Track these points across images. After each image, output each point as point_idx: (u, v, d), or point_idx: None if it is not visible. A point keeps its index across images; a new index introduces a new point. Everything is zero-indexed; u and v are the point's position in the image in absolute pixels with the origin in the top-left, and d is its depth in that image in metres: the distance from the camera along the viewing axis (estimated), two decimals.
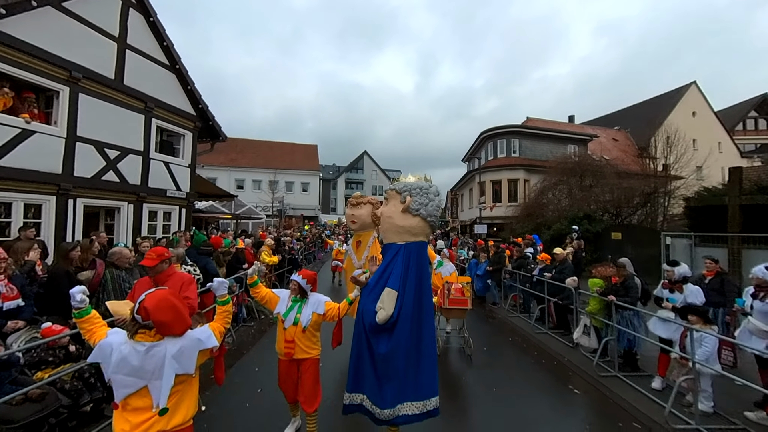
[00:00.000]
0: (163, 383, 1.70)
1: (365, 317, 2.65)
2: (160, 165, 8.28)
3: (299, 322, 2.85)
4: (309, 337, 2.90)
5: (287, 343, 2.86)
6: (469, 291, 5.26)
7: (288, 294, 3.02)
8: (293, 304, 2.94)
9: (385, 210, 2.93)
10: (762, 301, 3.79)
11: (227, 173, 32.29)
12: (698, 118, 26.96)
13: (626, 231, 12.55)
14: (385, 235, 2.95)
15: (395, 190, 2.93)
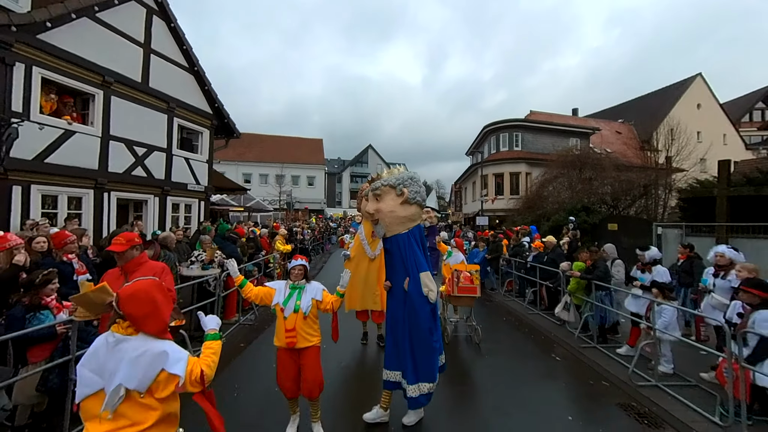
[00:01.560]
0: (111, 389, 1.38)
1: (414, 300, 3.01)
2: (182, 161, 8.94)
3: (300, 309, 2.81)
4: (310, 324, 2.88)
5: (288, 332, 2.79)
6: (478, 279, 5.23)
7: (285, 283, 2.97)
8: (292, 291, 2.89)
9: (384, 206, 3.11)
10: (723, 279, 4.34)
11: (235, 167, 33.01)
12: (703, 110, 26.96)
13: (622, 222, 12.99)
14: (389, 228, 3.14)
15: (389, 185, 3.13)
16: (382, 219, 3.14)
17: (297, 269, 2.97)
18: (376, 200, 3.18)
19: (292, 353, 2.84)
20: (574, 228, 10.71)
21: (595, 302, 5.08)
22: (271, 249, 8.66)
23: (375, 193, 3.20)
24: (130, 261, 2.69)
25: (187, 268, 4.91)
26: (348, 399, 3.67)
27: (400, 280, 3.12)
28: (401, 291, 3.10)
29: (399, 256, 3.12)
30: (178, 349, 1.54)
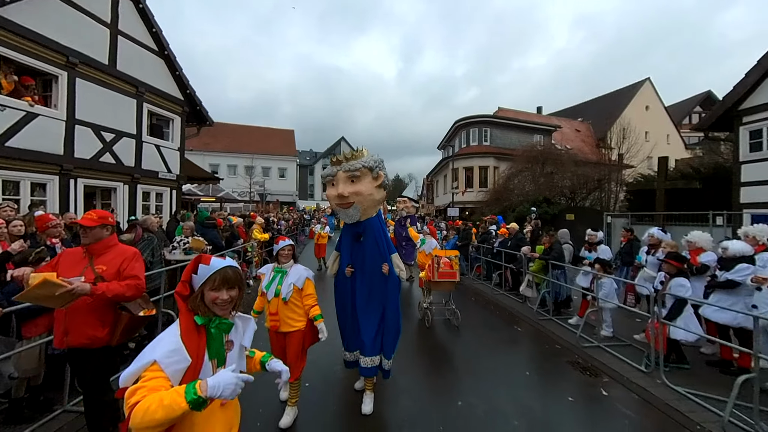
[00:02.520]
0: None
1: (391, 282, 3.14)
2: (152, 148, 8.68)
3: (280, 293, 2.80)
4: (292, 308, 2.82)
5: (272, 315, 2.82)
6: (458, 264, 5.35)
7: (270, 267, 2.99)
8: (275, 275, 2.89)
9: (363, 188, 3.00)
10: (653, 256, 5.11)
11: (201, 157, 31.64)
12: (651, 111, 29.47)
13: (578, 213, 14.19)
14: (365, 212, 3.08)
15: (367, 167, 3.03)
16: (361, 202, 3.02)
17: (286, 250, 2.95)
18: (351, 182, 3.01)
19: (278, 335, 2.87)
20: (536, 218, 11.64)
21: (552, 279, 5.75)
22: (249, 237, 8.70)
23: (352, 175, 3.00)
24: (98, 242, 2.36)
25: (169, 253, 4.96)
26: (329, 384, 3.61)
27: (373, 264, 3.12)
28: (378, 274, 3.11)
29: (373, 239, 3.13)
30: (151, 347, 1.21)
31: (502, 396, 3.42)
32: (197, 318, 1.29)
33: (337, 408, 3.18)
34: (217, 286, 1.30)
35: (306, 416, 2.98)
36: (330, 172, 3.14)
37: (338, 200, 3.02)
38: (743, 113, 8.80)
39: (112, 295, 2.23)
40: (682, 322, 3.76)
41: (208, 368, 1.27)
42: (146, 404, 1.00)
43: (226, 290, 1.31)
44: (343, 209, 3.05)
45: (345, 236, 3.30)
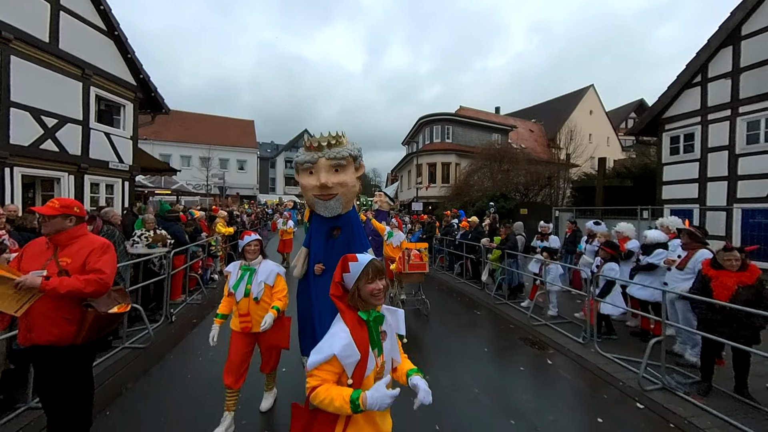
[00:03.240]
0: None
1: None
2: (101, 136, 8.05)
3: (250, 293, 2.65)
4: (264, 307, 2.68)
5: (242, 317, 2.66)
6: (427, 256, 5.47)
7: (237, 264, 2.79)
8: (243, 273, 2.71)
9: (348, 179, 2.78)
10: (590, 245, 5.84)
11: (149, 147, 29.35)
12: (594, 115, 32.31)
13: (531, 207, 15.37)
14: (347, 204, 2.86)
15: (352, 156, 2.80)
16: (345, 194, 2.77)
17: (252, 245, 2.76)
18: (335, 171, 2.74)
19: (247, 336, 2.71)
20: (494, 212, 12.49)
21: (507, 267, 6.33)
22: (212, 231, 8.43)
23: (337, 164, 2.72)
24: (62, 233, 2.18)
25: (131, 247, 4.75)
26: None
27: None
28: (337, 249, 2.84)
29: (350, 234, 2.93)
30: None
31: (465, 370, 3.82)
32: (361, 314, 1.40)
33: None
34: (372, 278, 1.40)
35: (285, 400, 3.14)
36: (309, 159, 2.75)
37: (319, 191, 2.71)
38: (665, 121, 10.12)
39: (65, 291, 2.01)
40: (610, 300, 4.43)
41: (372, 360, 1.37)
42: (321, 397, 1.25)
43: (379, 280, 1.41)
44: (323, 201, 2.75)
45: (317, 230, 2.93)
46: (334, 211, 2.82)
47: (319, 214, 2.86)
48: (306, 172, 2.82)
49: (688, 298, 3.49)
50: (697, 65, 9.19)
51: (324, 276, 2.84)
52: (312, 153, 2.78)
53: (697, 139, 9.32)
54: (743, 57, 8.34)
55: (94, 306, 2.23)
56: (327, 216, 2.84)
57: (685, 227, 4.13)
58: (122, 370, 3.61)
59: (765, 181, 7.96)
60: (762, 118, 8.02)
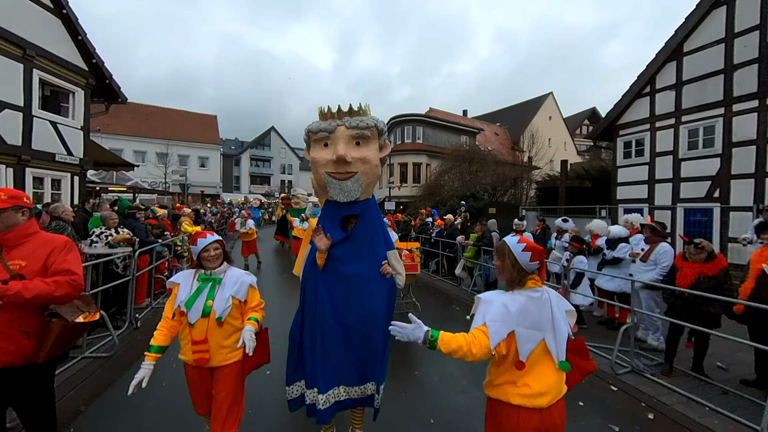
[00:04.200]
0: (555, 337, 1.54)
1: (361, 282, 2.21)
2: (46, 125, 7.24)
3: (212, 310, 1.95)
4: (229, 331, 2.00)
5: (197, 344, 1.94)
6: (419, 256, 5.14)
7: (190, 274, 2.08)
8: (202, 285, 2.01)
9: (372, 155, 2.26)
10: (559, 241, 6.19)
11: (98, 140, 26.89)
12: (553, 121, 34.39)
13: (499, 206, 16.01)
14: (367, 189, 2.31)
15: (378, 128, 2.30)
16: (366, 173, 2.25)
17: (212, 248, 2.05)
18: (356, 145, 2.26)
19: (203, 371, 2.02)
20: (465, 211, 12.89)
21: (483, 263, 6.54)
22: (176, 231, 7.89)
23: (360, 135, 2.24)
24: (11, 230, 1.85)
25: (88, 247, 4.30)
26: None
27: (366, 260, 2.27)
28: (371, 275, 2.25)
29: (370, 227, 2.33)
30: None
31: (451, 363, 3.87)
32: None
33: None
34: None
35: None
36: (325, 127, 2.26)
37: (335, 167, 2.21)
38: (620, 127, 11.00)
39: (32, 295, 1.70)
40: (580, 290, 4.73)
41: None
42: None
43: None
44: (338, 180, 2.22)
45: (327, 221, 2.36)
46: (352, 195, 2.26)
47: (332, 198, 2.32)
48: (319, 143, 2.31)
49: (653, 287, 3.81)
50: (646, 77, 10.08)
51: (334, 278, 2.22)
52: (329, 121, 2.29)
53: (646, 144, 10.23)
54: (685, 71, 9.28)
55: (61, 315, 1.91)
56: (342, 200, 2.28)
57: (647, 223, 4.50)
58: (84, 383, 3.25)
59: (703, 183, 8.92)
60: (701, 126, 8.96)
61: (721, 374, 3.62)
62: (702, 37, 8.99)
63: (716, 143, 8.67)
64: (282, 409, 2.84)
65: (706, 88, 8.81)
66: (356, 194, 2.27)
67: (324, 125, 2.28)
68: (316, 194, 2.76)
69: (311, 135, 2.35)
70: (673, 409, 3.03)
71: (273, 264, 9.95)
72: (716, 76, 8.66)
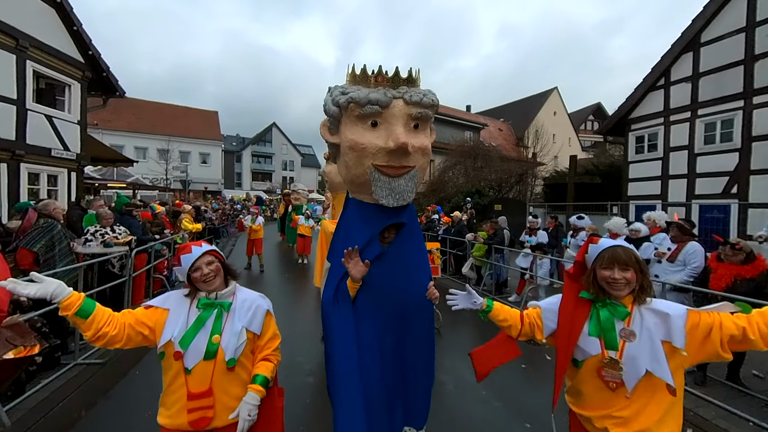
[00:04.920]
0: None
1: (410, 317, 1.84)
2: (41, 119, 7.00)
3: (219, 349, 1.40)
4: (242, 378, 1.47)
5: (196, 399, 1.38)
6: (439, 258, 4.64)
7: (186, 299, 1.49)
8: (204, 313, 1.45)
9: (429, 146, 1.81)
10: (574, 238, 5.93)
11: (98, 136, 26.69)
12: (557, 117, 33.94)
13: (504, 203, 15.74)
14: (423, 177, 1.91)
15: (433, 104, 1.77)
16: (422, 169, 1.79)
17: (204, 264, 1.45)
18: (414, 130, 1.72)
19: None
20: (470, 207, 12.63)
21: (494, 262, 6.29)
22: (176, 228, 7.67)
23: (422, 115, 1.71)
24: None
25: (82, 246, 4.08)
26: None
27: (411, 281, 1.87)
28: (415, 300, 1.87)
29: (416, 237, 1.93)
30: None
31: (465, 370, 3.64)
32: (583, 293, 1.39)
33: None
34: (606, 264, 1.31)
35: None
36: (378, 98, 1.61)
37: (391, 158, 1.64)
38: (632, 121, 10.67)
39: None
40: None
41: (590, 343, 1.33)
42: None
43: (618, 269, 1.28)
44: (390, 178, 1.68)
45: (358, 231, 1.82)
46: (404, 198, 1.73)
47: (375, 201, 1.73)
48: (364, 122, 1.67)
49: (684, 289, 3.56)
50: (660, 69, 9.74)
51: (370, 306, 1.77)
52: (381, 89, 1.67)
53: (660, 138, 9.90)
54: (702, 62, 8.94)
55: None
56: (391, 204, 1.71)
57: (674, 221, 4.24)
58: (75, 392, 3.03)
59: (720, 179, 8.61)
60: (718, 120, 8.64)
61: (758, 384, 3.38)
62: (720, 26, 8.63)
63: (735, 137, 8.35)
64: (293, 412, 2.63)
65: (725, 79, 8.48)
66: (409, 197, 1.78)
67: (376, 95, 1.61)
68: (331, 189, 2.42)
69: (353, 107, 1.63)
70: (713, 424, 2.79)
71: (275, 262, 9.73)
72: (735, 67, 8.32)
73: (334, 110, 1.77)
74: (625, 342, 1.27)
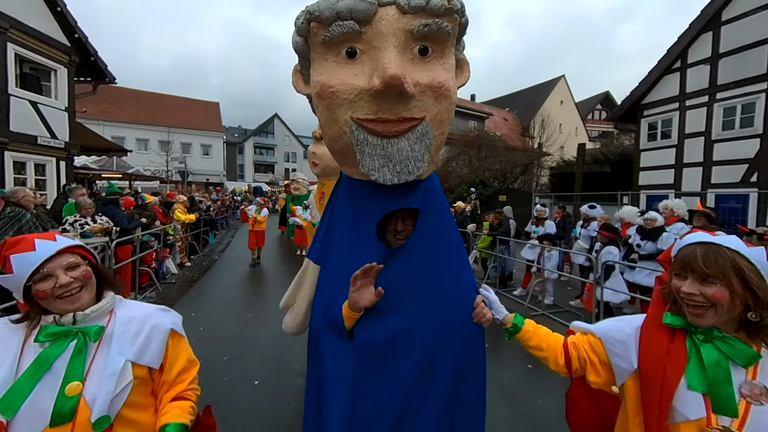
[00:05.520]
0: None
1: (436, 361, 1.21)
2: (25, 105, 6.72)
3: (80, 403, 0.86)
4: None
5: None
6: None
7: (12, 332, 0.92)
8: (50, 351, 0.89)
9: (449, 81, 1.13)
10: (585, 229, 5.58)
11: (99, 128, 26.50)
12: (564, 106, 33.11)
13: (509, 194, 15.33)
14: (435, 155, 1.23)
15: (458, 13, 1.10)
16: (439, 122, 1.15)
17: (63, 269, 0.92)
18: (421, 58, 1.08)
19: None
20: (474, 198, 12.26)
21: (499, 254, 5.97)
22: (169, 219, 7.42)
23: (431, 31, 1.04)
24: None
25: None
26: None
27: (436, 292, 1.26)
28: (451, 320, 1.27)
29: (443, 229, 1.34)
30: None
31: None
32: (666, 315, 0.90)
33: None
34: (677, 271, 0.87)
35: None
36: (352, 6, 1.00)
37: (380, 104, 1.04)
38: (644, 107, 10.17)
39: None
40: (610, 285, 4.15)
41: (688, 401, 0.81)
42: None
43: (693, 281, 0.81)
44: (383, 139, 1.08)
45: (353, 227, 1.30)
46: (407, 170, 1.10)
47: (366, 176, 1.14)
48: (335, 51, 1.08)
49: None
50: (677, 51, 9.19)
51: (382, 349, 1.16)
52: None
53: (674, 125, 9.42)
54: (722, 42, 8.39)
55: None
56: (389, 181, 1.10)
57: (699, 209, 3.88)
58: None
59: (739, 167, 8.16)
60: (738, 104, 8.14)
61: None
62: (743, 3, 8.06)
63: (756, 122, 7.86)
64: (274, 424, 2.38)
65: (747, 60, 7.95)
66: (418, 168, 1.10)
67: (348, 2, 0.99)
68: (321, 175, 1.65)
69: (316, 29, 1.05)
70: None
71: (274, 254, 9.49)
72: (759, 47, 7.78)
73: (298, 43, 1.14)
74: (750, 404, 0.78)
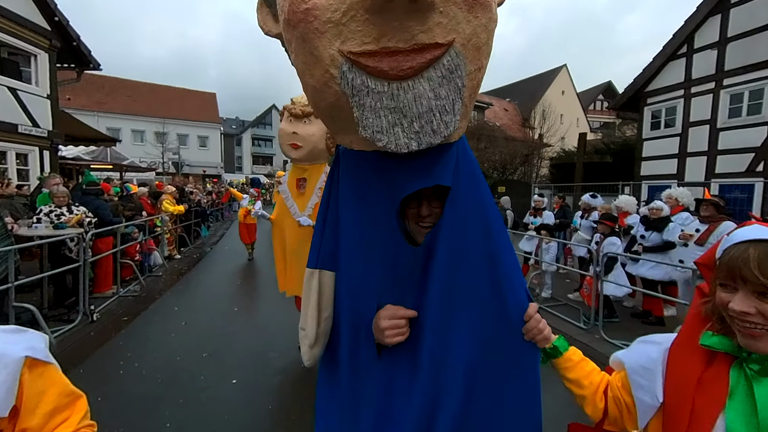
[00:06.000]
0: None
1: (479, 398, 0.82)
2: (4, 92, 6.47)
3: None
4: None
5: None
6: None
7: None
8: None
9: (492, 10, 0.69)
10: (586, 220, 5.37)
11: (93, 119, 26.08)
12: (565, 96, 32.57)
13: (509, 185, 15.09)
14: (467, 109, 0.81)
15: None
16: (474, 58, 0.69)
17: None
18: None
19: None
20: None
21: None
22: (157, 210, 7.21)
23: None
24: None
25: (29, 228, 3.62)
26: None
27: (495, 311, 0.82)
28: (499, 343, 0.83)
29: (482, 215, 0.87)
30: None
31: None
32: (705, 335, 0.64)
33: None
34: (723, 280, 0.61)
35: None
36: None
37: (383, 25, 0.59)
38: (647, 95, 9.87)
39: None
40: (613, 278, 3.96)
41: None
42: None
43: (745, 295, 0.57)
44: (389, 83, 0.64)
45: (359, 215, 0.85)
46: (431, 129, 0.68)
47: (372, 149, 0.76)
48: None
49: None
50: (683, 35, 8.86)
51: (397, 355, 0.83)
52: None
53: (678, 113, 9.14)
54: (731, 26, 8.07)
55: None
56: (405, 148, 0.68)
57: (707, 198, 3.67)
58: None
59: (744, 156, 7.91)
60: (746, 90, 7.86)
61: None
62: None
63: (764, 109, 7.60)
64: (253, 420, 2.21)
65: (756, 44, 7.64)
66: (447, 124, 0.69)
67: None
68: (304, 157, 1.42)
69: None
70: None
71: (267, 248, 9.30)
72: None
73: None
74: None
